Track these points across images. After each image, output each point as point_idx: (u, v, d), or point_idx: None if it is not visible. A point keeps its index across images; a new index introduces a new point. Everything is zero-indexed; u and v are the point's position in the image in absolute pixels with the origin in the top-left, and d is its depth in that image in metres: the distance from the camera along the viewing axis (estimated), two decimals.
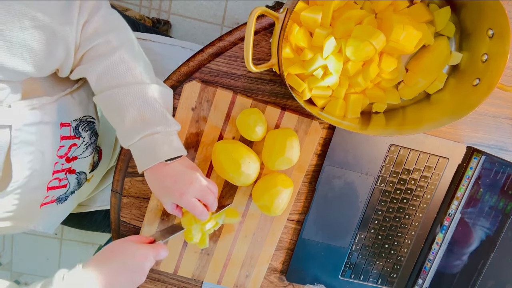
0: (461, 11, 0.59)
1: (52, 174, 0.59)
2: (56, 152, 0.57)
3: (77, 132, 0.61)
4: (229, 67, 0.63)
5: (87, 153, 0.65)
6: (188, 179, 0.57)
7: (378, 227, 0.72)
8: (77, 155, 0.62)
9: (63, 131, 0.57)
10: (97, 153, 0.70)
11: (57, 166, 0.59)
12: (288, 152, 0.61)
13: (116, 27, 0.54)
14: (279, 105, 0.65)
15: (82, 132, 0.61)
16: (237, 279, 0.72)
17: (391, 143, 0.68)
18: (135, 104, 0.54)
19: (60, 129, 0.57)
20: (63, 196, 0.65)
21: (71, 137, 0.60)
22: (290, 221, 0.72)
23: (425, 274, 0.75)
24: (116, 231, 0.69)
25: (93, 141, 0.65)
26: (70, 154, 0.61)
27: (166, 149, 0.55)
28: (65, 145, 0.59)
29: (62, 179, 0.62)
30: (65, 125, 0.58)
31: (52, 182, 0.60)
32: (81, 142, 0.62)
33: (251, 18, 0.49)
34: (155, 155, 0.55)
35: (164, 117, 0.56)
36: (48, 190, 0.60)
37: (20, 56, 0.45)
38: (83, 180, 0.68)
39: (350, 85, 0.62)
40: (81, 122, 0.61)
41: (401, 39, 0.56)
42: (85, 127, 0.62)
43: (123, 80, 0.53)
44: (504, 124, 0.71)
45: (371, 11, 0.59)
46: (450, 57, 0.61)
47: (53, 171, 0.59)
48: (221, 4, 1.38)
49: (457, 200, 0.72)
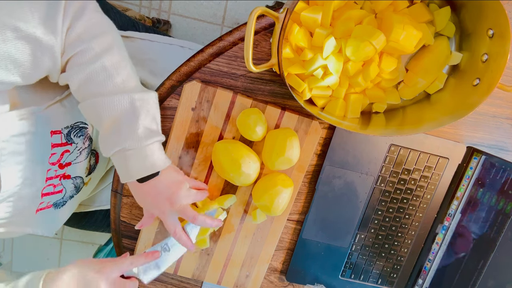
0: (461, 11, 0.59)
1: (45, 181, 0.58)
2: (47, 159, 0.57)
3: (69, 138, 0.60)
4: (229, 67, 0.63)
5: (82, 158, 0.64)
6: (167, 200, 0.56)
7: (378, 227, 0.72)
8: (70, 160, 0.62)
9: (53, 139, 0.57)
10: (94, 156, 0.70)
11: (50, 173, 0.59)
12: (288, 152, 0.61)
13: (101, 32, 0.52)
14: (279, 105, 0.65)
15: (74, 138, 0.61)
16: (237, 279, 0.72)
17: (391, 143, 0.68)
18: (111, 116, 0.52)
19: (50, 137, 0.56)
20: (60, 201, 0.64)
21: (63, 144, 0.59)
22: (290, 221, 0.72)
23: (425, 274, 0.75)
24: (116, 231, 0.69)
25: (87, 145, 0.64)
26: (63, 161, 0.60)
27: (137, 167, 0.54)
28: (56, 152, 0.58)
29: (56, 185, 0.61)
30: (56, 132, 0.57)
31: (46, 188, 0.59)
32: (73, 148, 0.61)
33: (251, 18, 0.49)
34: (128, 173, 0.54)
35: (135, 133, 0.53)
36: (42, 197, 0.59)
37: (4, 67, 0.44)
38: (80, 184, 0.67)
39: (350, 85, 0.62)
40: (73, 129, 0.60)
41: (401, 39, 0.56)
42: (77, 133, 0.61)
43: (103, 89, 0.52)
44: (504, 124, 0.71)
45: (371, 11, 0.59)
46: (450, 57, 0.61)
47: (46, 178, 0.58)
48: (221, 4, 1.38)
49: (457, 200, 0.72)
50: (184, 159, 0.64)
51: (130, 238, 0.70)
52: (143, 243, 0.68)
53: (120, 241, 0.70)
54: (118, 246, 0.70)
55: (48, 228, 0.66)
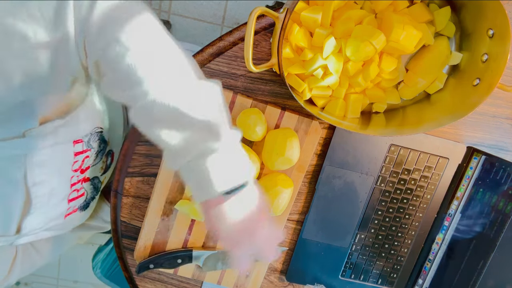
0: (461, 11, 0.59)
1: (70, 187, 0.60)
2: (71, 167, 0.58)
3: (89, 145, 0.61)
4: (229, 67, 0.63)
5: (98, 160, 0.65)
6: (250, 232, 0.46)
7: (378, 227, 0.72)
8: (89, 164, 0.63)
9: (76, 147, 0.57)
10: (110, 156, 0.70)
11: (73, 179, 0.60)
12: (288, 152, 0.61)
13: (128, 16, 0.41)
14: (279, 105, 0.65)
15: (93, 144, 0.61)
16: (237, 279, 0.71)
17: (391, 143, 0.68)
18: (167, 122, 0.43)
19: (73, 146, 0.57)
20: (84, 204, 0.66)
21: (84, 151, 0.60)
22: (290, 221, 0.72)
23: (425, 274, 0.75)
24: (116, 231, 0.69)
25: (102, 148, 0.65)
26: (84, 166, 0.61)
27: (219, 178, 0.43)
28: (78, 160, 0.59)
29: (79, 189, 0.63)
30: (78, 141, 0.57)
31: (71, 194, 0.61)
32: (92, 152, 0.62)
33: (251, 18, 0.49)
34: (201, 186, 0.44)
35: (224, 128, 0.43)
36: (69, 202, 0.61)
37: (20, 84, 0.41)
38: (98, 184, 0.68)
39: (350, 85, 0.62)
40: (92, 135, 0.61)
41: (401, 39, 0.56)
42: (94, 138, 0.62)
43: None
44: (504, 124, 0.71)
45: (371, 11, 0.59)
46: (450, 57, 0.61)
47: (71, 184, 0.60)
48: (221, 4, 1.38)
49: (457, 200, 0.71)
50: None
51: (130, 238, 0.70)
52: (143, 243, 0.68)
53: (120, 241, 0.70)
54: (118, 246, 0.70)
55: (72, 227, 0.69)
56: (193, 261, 0.68)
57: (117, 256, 0.71)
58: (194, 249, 0.68)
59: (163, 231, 0.67)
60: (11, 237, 0.53)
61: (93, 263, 0.93)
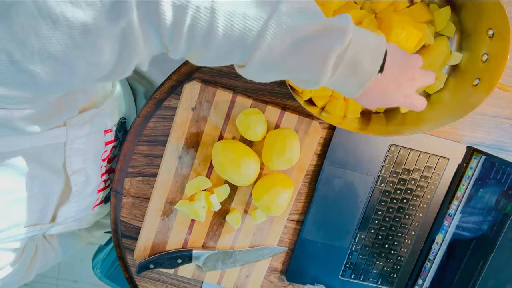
0: (461, 11, 0.59)
1: (100, 177, 0.62)
2: (101, 156, 0.60)
3: (116, 135, 0.63)
4: (229, 67, 0.63)
5: (120, 151, 0.67)
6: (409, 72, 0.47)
7: (378, 227, 0.72)
8: (114, 154, 0.65)
9: (106, 137, 0.60)
10: None
11: (102, 169, 0.62)
12: (288, 152, 0.61)
13: None
14: (279, 105, 0.65)
15: (119, 134, 0.64)
16: (237, 279, 0.72)
17: (391, 143, 0.68)
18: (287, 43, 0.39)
19: (104, 136, 0.59)
20: (108, 195, 0.68)
21: (113, 141, 0.62)
22: (290, 221, 0.72)
23: (425, 274, 0.75)
24: (116, 231, 0.69)
25: (124, 138, 0.67)
26: (111, 156, 0.64)
27: (367, 65, 0.42)
28: (107, 149, 0.61)
29: (106, 180, 0.65)
30: (108, 131, 0.60)
31: (101, 184, 0.63)
32: (117, 142, 0.65)
33: None
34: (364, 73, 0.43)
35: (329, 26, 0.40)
36: (98, 193, 0.63)
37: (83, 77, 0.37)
38: None
39: None
40: (118, 125, 0.63)
41: (401, 39, 0.56)
42: (120, 128, 0.64)
43: None
44: (504, 124, 0.71)
45: (371, 11, 0.59)
46: (450, 57, 0.61)
47: (101, 174, 0.62)
48: None
49: (457, 200, 0.71)
50: (184, 159, 0.64)
51: (130, 238, 0.70)
52: (143, 243, 0.68)
53: (120, 241, 0.70)
54: (118, 246, 0.70)
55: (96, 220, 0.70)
56: (193, 261, 0.68)
57: (117, 256, 0.71)
58: (194, 249, 0.68)
59: (163, 231, 0.67)
60: (46, 225, 0.54)
61: (93, 263, 0.93)
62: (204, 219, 0.66)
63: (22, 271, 0.61)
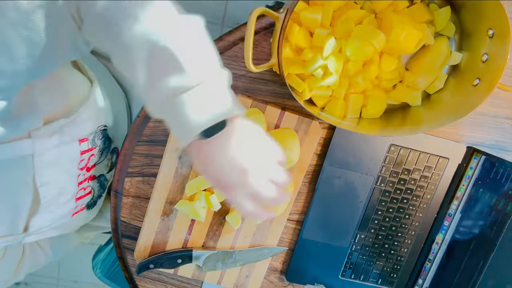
0: (461, 11, 0.59)
1: (77, 185, 0.60)
2: (77, 166, 0.58)
3: (94, 143, 0.61)
4: (229, 67, 0.63)
5: (103, 158, 0.65)
6: (239, 171, 0.42)
7: (378, 227, 0.72)
8: (94, 162, 0.63)
9: (82, 146, 0.58)
10: (115, 153, 0.71)
11: (80, 177, 0.60)
12: (288, 152, 0.61)
13: None
14: (279, 105, 0.65)
15: (97, 141, 0.62)
16: (237, 279, 0.72)
17: (391, 143, 0.68)
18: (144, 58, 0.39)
19: (79, 145, 0.57)
20: (91, 202, 0.67)
21: (90, 150, 0.60)
22: (290, 221, 0.72)
23: (425, 274, 0.75)
24: (116, 231, 0.69)
25: (106, 145, 0.65)
26: (90, 164, 0.62)
27: (196, 117, 0.39)
28: (84, 158, 0.60)
29: (86, 187, 0.64)
30: (84, 140, 0.58)
31: (79, 192, 0.62)
32: (97, 150, 0.63)
33: (251, 18, 0.49)
34: (187, 124, 0.40)
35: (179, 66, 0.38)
36: (76, 201, 0.62)
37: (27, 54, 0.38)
38: (104, 182, 0.69)
39: (350, 85, 0.62)
40: (96, 133, 0.61)
41: (401, 39, 0.56)
42: (99, 135, 0.62)
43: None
44: (504, 124, 0.71)
45: (371, 11, 0.59)
46: (450, 57, 0.61)
47: (78, 183, 0.60)
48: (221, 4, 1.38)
49: (457, 200, 0.71)
50: (184, 159, 0.64)
51: (130, 238, 0.70)
52: (143, 243, 0.68)
53: (120, 241, 0.70)
54: (118, 246, 0.70)
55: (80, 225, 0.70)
56: (193, 261, 0.68)
57: (117, 256, 0.71)
58: (194, 249, 0.68)
59: (163, 231, 0.67)
60: (19, 235, 0.54)
61: (93, 263, 0.93)
62: (204, 219, 0.66)
63: (10, 272, 0.61)
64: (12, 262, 0.61)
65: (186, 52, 0.39)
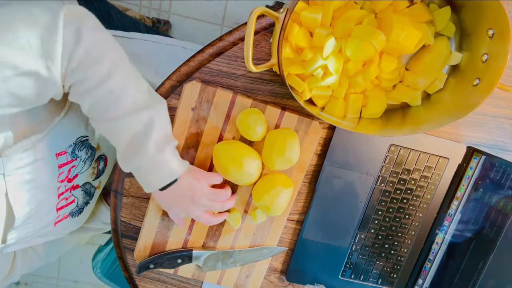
0: (461, 11, 0.59)
1: (58, 197, 0.59)
2: (56, 179, 0.57)
3: (74, 155, 0.60)
4: (229, 67, 0.63)
5: (86, 167, 0.64)
6: (190, 200, 0.60)
7: (378, 227, 0.72)
8: (77, 172, 0.62)
9: (59, 160, 0.57)
10: (103, 160, 0.70)
11: (61, 189, 0.59)
12: (288, 152, 0.61)
13: (101, 54, 0.48)
14: (279, 105, 0.65)
15: (78, 153, 0.61)
16: (237, 279, 0.72)
17: (391, 143, 0.68)
18: (125, 139, 0.53)
19: (56, 159, 0.56)
20: (76, 210, 0.66)
21: (69, 162, 0.59)
22: (290, 221, 0.72)
23: (425, 274, 0.75)
24: (116, 231, 0.69)
25: (89, 155, 0.64)
26: (71, 175, 0.61)
27: (155, 179, 0.56)
28: (64, 171, 0.58)
29: (68, 197, 0.62)
30: (61, 154, 0.57)
31: (60, 203, 0.60)
32: (78, 161, 0.61)
33: (251, 18, 0.49)
34: (148, 185, 0.57)
35: (146, 151, 0.53)
36: (58, 211, 0.61)
37: (8, 104, 0.44)
38: (90, 189, 0.68)
39: (350, 85, 0.62)
40: (76, 145, 0.60)
41: (401, 39, 0.56)
42: (80, 147, 0.61)
43: (113, 113, 0.51)
44: (504, 124, 0.71)
45: (371, 11, 0.59)
46: (450, 57, 0.61)
47: (58, 195, 0.59)
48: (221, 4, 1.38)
49: (457, 200, 0.72)
50: (184, 159, 0.64)
51: (130, 238, 0.70)
52: (143, 243, 0.68)
53: (120, 241, 0.70)
54: (118, 246, 0.70)
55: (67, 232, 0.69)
56: (193, 261, 0.68)
57: (117, 256, 0.71)
58: (194, 249, 0.68)
59: (163, 231, 0.67)
60: None
61: (93, 263, 0.93)
62: None
63: (3, 274, 0.62)
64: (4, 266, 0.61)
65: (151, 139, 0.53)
